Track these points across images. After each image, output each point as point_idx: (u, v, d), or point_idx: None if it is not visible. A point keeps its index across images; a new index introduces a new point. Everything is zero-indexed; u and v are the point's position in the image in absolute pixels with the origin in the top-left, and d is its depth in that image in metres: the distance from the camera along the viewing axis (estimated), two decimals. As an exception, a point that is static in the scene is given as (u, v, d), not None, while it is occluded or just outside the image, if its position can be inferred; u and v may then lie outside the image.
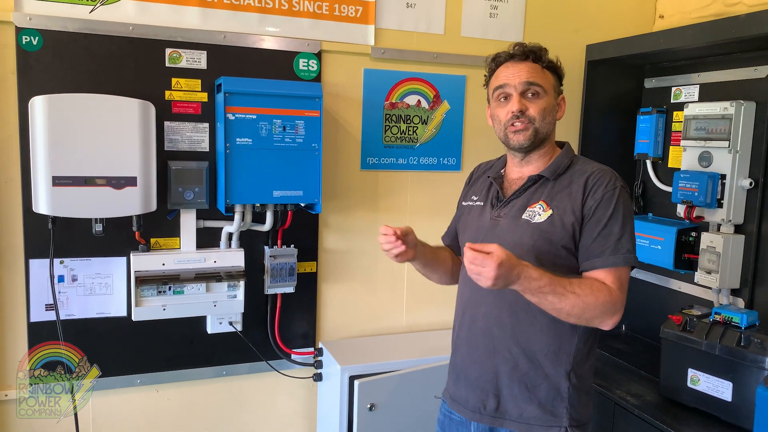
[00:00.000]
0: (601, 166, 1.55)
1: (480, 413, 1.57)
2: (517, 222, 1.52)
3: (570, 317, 1.43)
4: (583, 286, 1.42)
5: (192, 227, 2.11)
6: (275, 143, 2.00)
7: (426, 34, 2.38)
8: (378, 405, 2.05)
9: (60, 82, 1.92)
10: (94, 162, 1.80)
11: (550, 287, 1.39)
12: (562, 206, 1.49)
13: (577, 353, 1.52)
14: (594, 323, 1.46)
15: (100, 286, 2.05)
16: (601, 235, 1.45)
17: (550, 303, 1.40)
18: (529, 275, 1.37)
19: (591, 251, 1.46)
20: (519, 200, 1.55)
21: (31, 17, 1.88)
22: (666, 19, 2.68)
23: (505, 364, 1.53)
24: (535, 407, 1.52)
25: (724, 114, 2.11)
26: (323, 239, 2.34)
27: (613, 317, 1.44)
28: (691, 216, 2.22)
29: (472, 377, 1.59)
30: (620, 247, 1.45)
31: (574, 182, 1.51)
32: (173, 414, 2.23)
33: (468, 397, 1.60)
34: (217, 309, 2.09)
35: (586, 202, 1.48)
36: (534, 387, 1.52)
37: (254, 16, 2.13)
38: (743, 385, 1.80)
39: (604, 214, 1.46)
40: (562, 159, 1.56)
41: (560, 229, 1.48)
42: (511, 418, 1.54)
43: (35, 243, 1.95)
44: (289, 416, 2.40)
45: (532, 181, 1.55)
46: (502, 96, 1.54)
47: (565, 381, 1.51)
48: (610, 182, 1.48)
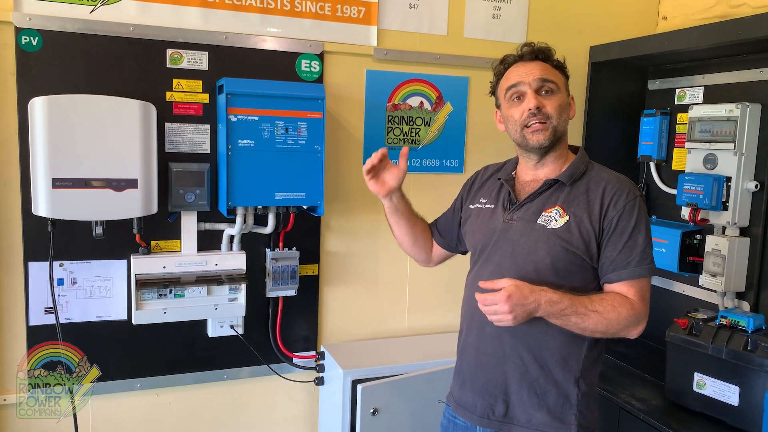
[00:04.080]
0: (618, 174, 1.54)
1: (488, 419, 1.55)
2: (532, 226, 1.50)
3: (595, 334, 1.44)
4: (605, 303, 1.42)
5: (193, 230, 2.09)
6: (277, 145, 1.98)
7: (429, 35, 2.36)
8: (381, 409, 2.03)
9: (60, 83, 1.90)
10: (95, 164, 1.78)
11: (572, 308, 1.40)
12: (579, 213, 1.47)
13: (586, 360, 1.51)
14: (619, 336, 1.46)
15: (100, 289, 2.03)
16: (627, 246, 1.45)
17: (574, 324, 1.41)
18: (549, 299, 1.39)
19: (617, 263, 1.45)
20: (534, 204, 1.53)
21: (30, 17, 1.86)
22: (669, 20, 2.66)
23: (515, 370, 1.52)
24: (544, 413, 1.50)
25: (729, 116, 2.10)
26: (325, 242, 2.32)
27: (638, 328, 1.45)
28: (696, 219, 2.20)
29: (480, 382, 1.57)
30: (645, 258, 1.45)
31: (591, 190, 1.49)
32: (174, 418, 2.21)
33: (476, 403, 1.58)
34: (218, 312, 2.07)
35: (606, 213, 1.46)
36: (543, 393, 1.51)
37: (256, 16, 2.11)
38: (750, 390, 1.78)
39: (627, 225, 1.45)
40: (578, 164, 1.53)
41: (577, 236, 1.46)
42: (519, 423, 1.52)
43: (34, 246, 1.93)
44: (291, 420, 2.38)
45: (548, 185, 1.53)
46: (516, 96, 1.51)
47: (575, 387, 1.50)
48: (630, 192, 1.47)
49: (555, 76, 1.51)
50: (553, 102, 1.49)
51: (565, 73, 1.56)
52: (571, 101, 1.56)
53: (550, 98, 1.49)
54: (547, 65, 1.52)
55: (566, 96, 1.54)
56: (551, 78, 1.50)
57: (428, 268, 1.94)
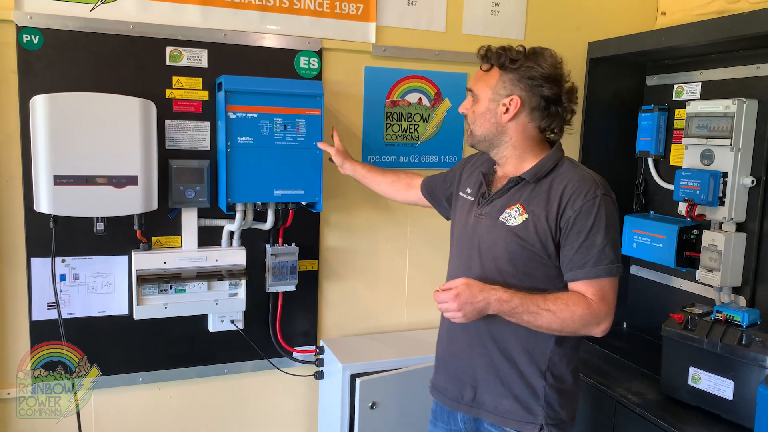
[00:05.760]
0: (585, 173, 1.53)
1: (458, 402, 1.64)
2: (495, 222, 1.56)
3: (551, 332, 1.48)
4: (559, 302, 1.45)
5: (193, 226, 2.11)
6: (276, 142, 2.00)
7: (427, 31, 2.37)
8: (379, 403, 2.06)
9: (61, 81, 1.91)
10: (95, 161, 1.80)
11: (522, 307, 1.45)
12: (537, 212, 1.50)
13: (554, 354, 1.54)
14: (580, 334, 1.50)
15: (102, 285, 2.06)
16: (583, 246, 1.46)
17: (527, 322, 1.46)
18: (498, 298, 1.45)
19: (573, 262, 1.47)
20: (500, 200, 1.58)
21: (31, 16, 1.88)
22: (668, 16, 2.67)
23: (481, 358, 1.59)
24: (511, 401, 1.56)
25: (726, 112, 2.11)
26: (324, 237, 2.34)
27: (600, 326, 1.47)
28: (693, 214, 2.21)
29: (451, 368, 1.66)
30: (603, 258, 1.46)
31: (553, 188, 1.51)
32: (175, 412, 2.24)
33: (447, 386, 1.67)
34: (219, 307, 2.09)
35: (564, 213, 1.47)
36: (509, 383, 1.56)
37: (255, 14, 2.12)
38: (744, 384, 1.80)
39: (584, 225, 1.46)
40: (545, 162, 1.56)
41: (533, 234, 1.49)
42: (487, 409, 1.59)
43: (37, 242, 1.96)
44: (291, 414, 2.40)
45: (513, 183, 1.57)
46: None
47: (540, 380, 1.54)
48: (589, 191, 1.47)
49: (482, 83, 1.58)
50: (471, 110, 1.61)
51: (517, 71, 1.53)
52: (508, 103, 1.55)
53: (473, 105, 1.61)
54: (481, 72, 1.59)
55: (487, 102, 1.56)
56: (473, 88, 1.61)
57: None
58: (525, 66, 1.52)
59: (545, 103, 1.54)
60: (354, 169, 2.08)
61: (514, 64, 1.52)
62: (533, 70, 1.51)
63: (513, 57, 1.52)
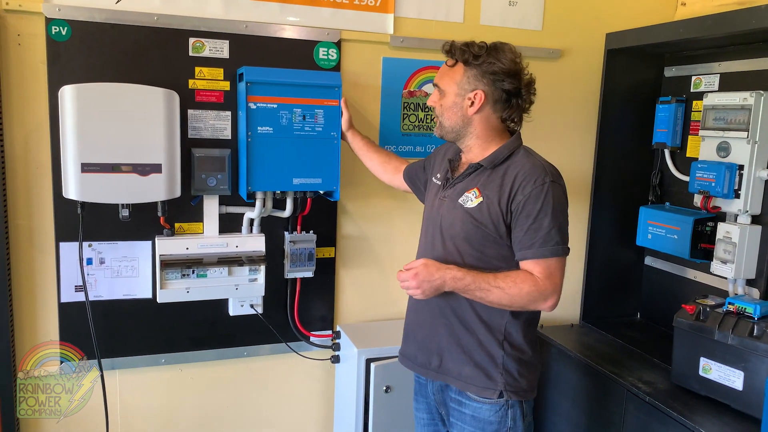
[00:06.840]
0: (537, 162, 1.65)
1: (426, 368, 1.77)
2: (454, 204, 1.69)
3: (503, 307, 1.62)
4: (508, 280, 1.58)
5: (215, 213, 2.17)
6: (295, 132, 2.04)
7: (445, 22, 2.39)
8: (393, 387, 2.11)
9: (88, 72, 1.97)
10: (121, 149, 1.85)
11: (474, 284, 1.59)
12: (491, 196, 1.62)
13: (509, 325, 1.67)
14: (530, 309, 1.63)
15: (127, 269, 2.13)
16: (531, 228, 1.58)
17: (480, 298, 1.60)
18: (453, 276, 1.60)
19: (522, 243, 1.60)
20: (461, 184, 1.71)
21: (60, 8, 1.93)
22: (688, 6, 2.64)
23: (444, 328, 1.72)
24: (472, 368, 1.68)
25: (743, 104, 2.10)
26: (341, 225, 2.39)
27: (547, 302, 1.60)
28: (708, 206, 2.22)
29: (419, 337, 1.79)
30: (549, 239, 1.58)
31: (507, 175, 1.63)
32: (196, 392, 2.31)
33: (417, 354, 1.80)
34: (239, 292, 2.15)
35: (515, 198, 1.60)
36: (470, 351, 1.68)
37: (275, 6, 2.16)
38: (754, 375, 1.82)
39: (533, 209, 1.58)
40: (502, 150, 1.67)
41: (486, 215, 1.61)
42: (452, 375, 1.72)
43: (65, 227, 2.03)
44: (307, 396, 2.47)
45: (473, 169, 1.69)
46: None
47: (499, 349, 1.67)
48: (539, 178, 1.59)
49: (448, 77, 1.68)
50: (439, 103, 1.72)
51: (482, 66, 1.63)
52: (473, 96, 1.65)
53: (440, 99, 1.72)
54: (446, 67, 1.70)
55: (454, 96, 1.67)
56: (440, 83, 1.72)
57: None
58: (487, 62, 1.63)
59: (506, 96, 1.66)
60: (353, 139, 2.15)
61: (477, 60, 1.63)
62: (495, 66, 1.63)
63: (476, 53, 1.63)
